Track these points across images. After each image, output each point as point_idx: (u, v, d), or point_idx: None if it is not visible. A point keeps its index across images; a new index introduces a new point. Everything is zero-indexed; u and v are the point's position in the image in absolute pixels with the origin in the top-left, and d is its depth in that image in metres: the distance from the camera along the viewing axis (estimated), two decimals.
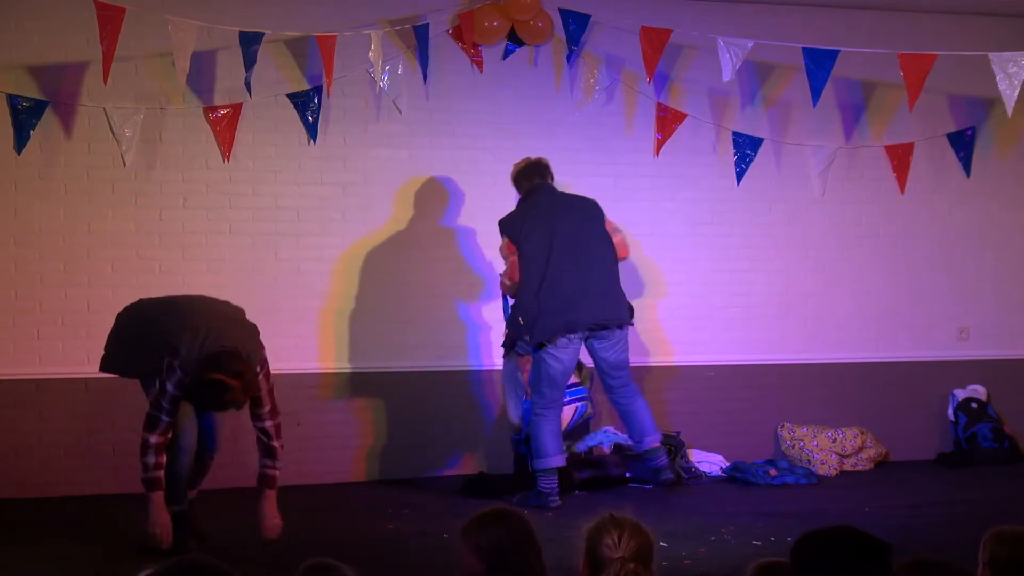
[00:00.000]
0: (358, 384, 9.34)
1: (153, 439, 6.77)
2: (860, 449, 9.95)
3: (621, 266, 8.81)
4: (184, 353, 6.79)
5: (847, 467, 9.84)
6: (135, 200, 8.90)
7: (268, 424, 7.06)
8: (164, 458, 6.82)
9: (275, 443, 7.05)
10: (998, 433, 10.28)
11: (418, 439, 9.43)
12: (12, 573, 6.72)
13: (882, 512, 8.40)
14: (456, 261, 9.55)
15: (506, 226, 8.65)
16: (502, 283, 8.88)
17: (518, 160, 8.78)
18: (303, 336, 9.23)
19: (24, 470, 8.62)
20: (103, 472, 8.65)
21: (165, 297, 7.63)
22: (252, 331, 7.26)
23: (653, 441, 8.80)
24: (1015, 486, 9.35)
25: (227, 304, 7.44)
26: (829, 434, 9.89)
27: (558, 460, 8.57)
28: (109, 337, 7.40)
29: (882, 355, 10.42)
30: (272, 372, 9.07)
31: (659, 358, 9.81)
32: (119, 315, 7.46)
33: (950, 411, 10.44)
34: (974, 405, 10.37)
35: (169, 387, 6.79)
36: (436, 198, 9.50)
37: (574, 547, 4.47)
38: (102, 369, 7.44)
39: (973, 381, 10.52)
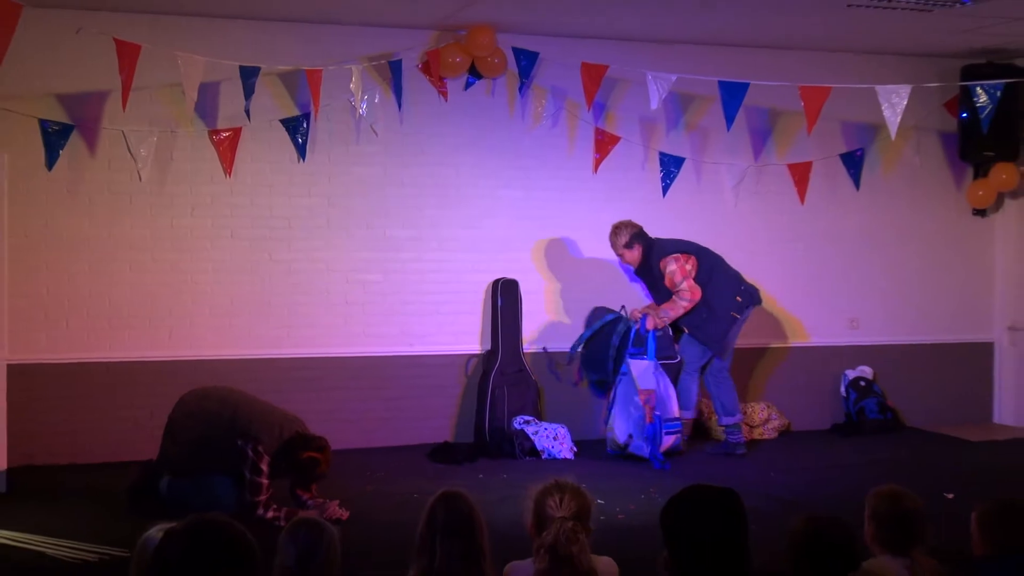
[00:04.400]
0: (339, 367, 9.33)
1: (260, 510, 6.78)
2: (767, 421, 10.04)
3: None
4: (266, 440, 6.90)
5: (756, 436, 9.91)
6: (150, 210, 8.87)
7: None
8: (276, 510, 6.83)
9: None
10: (882, 407, 10.40)
11: (393, 412, 9.46)
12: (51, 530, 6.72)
13: (785, 474, 8.49)
14: (426, 262, 9.55)
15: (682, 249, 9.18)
16: (682, 304, 9.02)
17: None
18: (294, 327, 9.22)
19: (54, 441, 8.60)
20: (120, 443, 8.62)
21: (207, 391, 7.49)
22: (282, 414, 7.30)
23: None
24: (896, 451, 9.47)
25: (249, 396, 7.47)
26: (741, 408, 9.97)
27: (740, 415, 9.43)
28: (169, 438, 7.27)
29: (786, 341, 10.51)
30: (266, 357, 9.14)
31: None
32: (176, 418, 7.30)
33: (842, 388, 10.54)
34: (862, 383, 10.48)
35: (264, 466, 6.85)
36: (407, 208, 9.51)
37: (524, 507, 4.52)
38: (160, 465, 7.27)
39: (862, 363, 10.63)
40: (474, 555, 4.12)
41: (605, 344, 9.35)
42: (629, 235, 9.16)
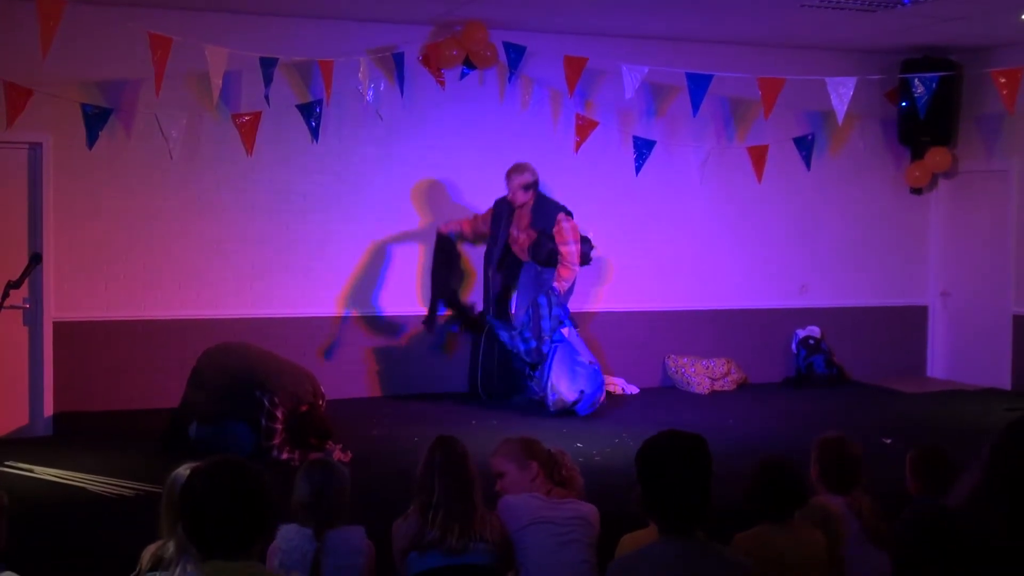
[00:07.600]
0: (348, 325, 9.30)
1: (275, 452, 6.82)
2: (726, 374, 10.05)
3: None
4: (280, 394, 6.88)
5: (716, 388, 9.93)
6: (179, 185, 8.81)
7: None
8: (290, 452, 6.86)
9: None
10: (829, 363, 10.41)
11: (395, 365, 9.44)
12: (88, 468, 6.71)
13: (742, 422, 8.51)
14: (425, 229, 9.51)
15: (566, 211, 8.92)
16: (571, 265, 8.83)
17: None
18: (308, 289, 9.19)
19: (94, 390, 8.56)
20: (152, 392, 8.55)
21: (230, 347, 7.50)
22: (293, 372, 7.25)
23: None
24: (840, 402, 9.50)
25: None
26: (703, 363, 9.98)
27: None
28: (194, 387, 7.25)
29: (744, 304, 10.50)
30: (283, 316, 9.10)
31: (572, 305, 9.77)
32: (202, 369, 7.28)
33: (793, 346, 10.55)
34: (811, 341, 10.49)
35: (279, 414, 6.86)
36: (409, 183, 9.46)
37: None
38: (185, 411, 7.28)
39: (811, 323, 10.63)
40: (467, 489, 4.19)
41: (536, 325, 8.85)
42: (533, 178, 8.91)
